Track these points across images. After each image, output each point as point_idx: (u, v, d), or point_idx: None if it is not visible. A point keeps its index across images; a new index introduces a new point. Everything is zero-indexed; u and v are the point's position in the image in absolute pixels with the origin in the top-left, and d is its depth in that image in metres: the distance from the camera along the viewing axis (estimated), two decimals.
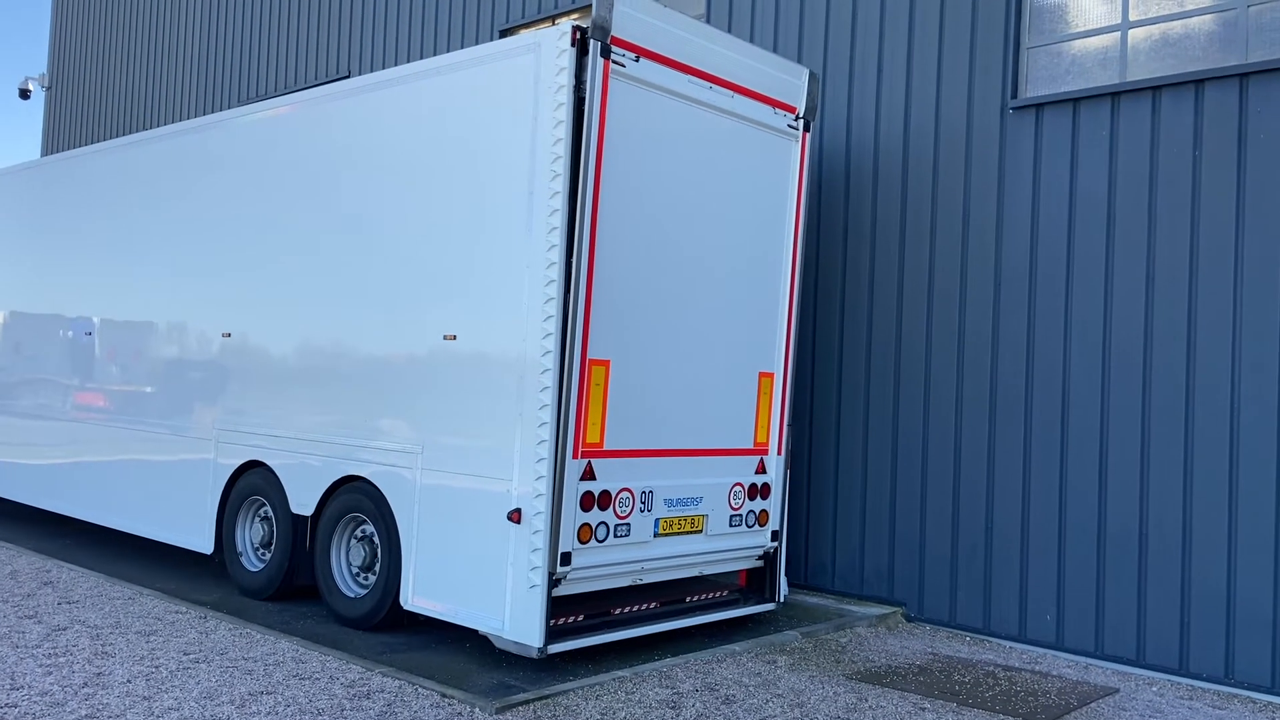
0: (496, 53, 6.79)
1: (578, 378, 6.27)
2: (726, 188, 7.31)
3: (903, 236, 8.63)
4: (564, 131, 6.22)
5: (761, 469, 7.70)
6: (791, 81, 7.72)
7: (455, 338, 6.83)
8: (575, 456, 6.34)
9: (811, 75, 7.84)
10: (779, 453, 7.81)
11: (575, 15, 11.32)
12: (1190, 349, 7.17)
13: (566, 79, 6.22)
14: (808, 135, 7.83)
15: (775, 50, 9.50)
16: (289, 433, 7.94)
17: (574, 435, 6.30)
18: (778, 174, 7.71)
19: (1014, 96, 8.11)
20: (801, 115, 7.78)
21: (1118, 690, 6.76)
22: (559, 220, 6.23)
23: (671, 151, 6.87)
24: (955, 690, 6.49)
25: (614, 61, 6.33)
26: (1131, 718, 6.18)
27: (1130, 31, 7.68)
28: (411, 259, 7.17)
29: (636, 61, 6.50)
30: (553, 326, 6.22)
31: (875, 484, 8.72)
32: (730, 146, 7.29)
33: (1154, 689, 6.88)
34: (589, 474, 6.45)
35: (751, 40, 9.68)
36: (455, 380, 6.80)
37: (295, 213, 8.11)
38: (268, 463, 8.10)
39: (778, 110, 7.60)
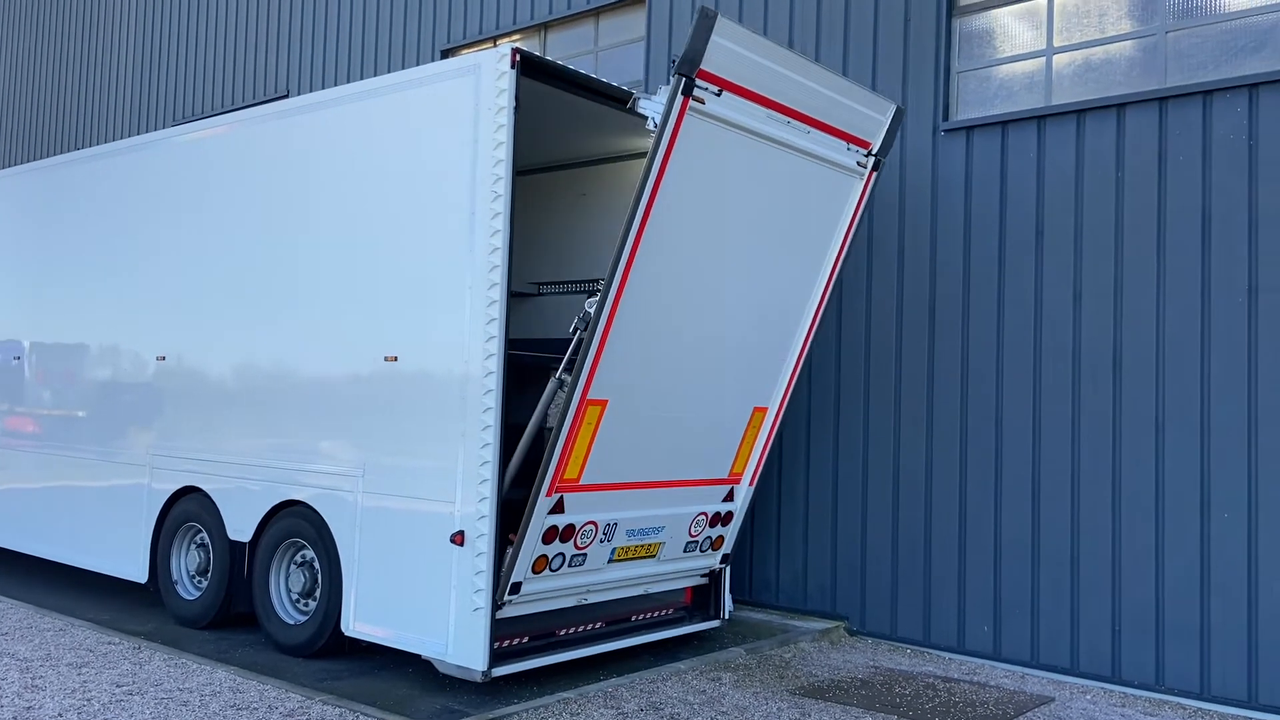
0: (437, 74, 6.79)
1: (571, 418, 6.08)
2: (773, 226, 6.84)
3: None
4: (504, 153, 6.24)
5: (729, 497, 7.56)
6: (874, 117, 7.13)
7: (396, 359, 6.78)
8: (549, 494, 6.22)
9: (897, 111, 7.27)
10: (750, 483, 7.62)
11: (517, 36, 11.37)
12: (1117, 367, 7.39)
13: (507, 100, 6.24)
14: (875, 174, 7.30)
15: None
16: (226, 457, 7.81)
17: (553, 472, 6.16)
18: (830, 211, 7.18)
19: (945, 119, 8.32)
20: (875, 152, 7.25)
21: (1053, 699, 6.91)
22: (500, 241, 6.23)
23: (727, 191, 6.40)
24: (896, 702, 6.58)
25: (694, 99, 5.83)
26: None
27: (1055, 57, 7.94)
28: (351, 280, 7.12)
29: (719, 96, 5.98)
30: (495, 346, 6.22)
31: (817, 500, 8.83)
32: (789, 185, 6.76)
33: (1088, 697, 7.04)
34: (558, 508, 6.35)
35: None
36: (397, 401, 6.75)
37: (232, 234, 8.00)
38: (204, 488, 7.95)
39: (851, 146, 7.05)
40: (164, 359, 8.45)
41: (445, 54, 11.92)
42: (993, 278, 7.96)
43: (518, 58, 6.25)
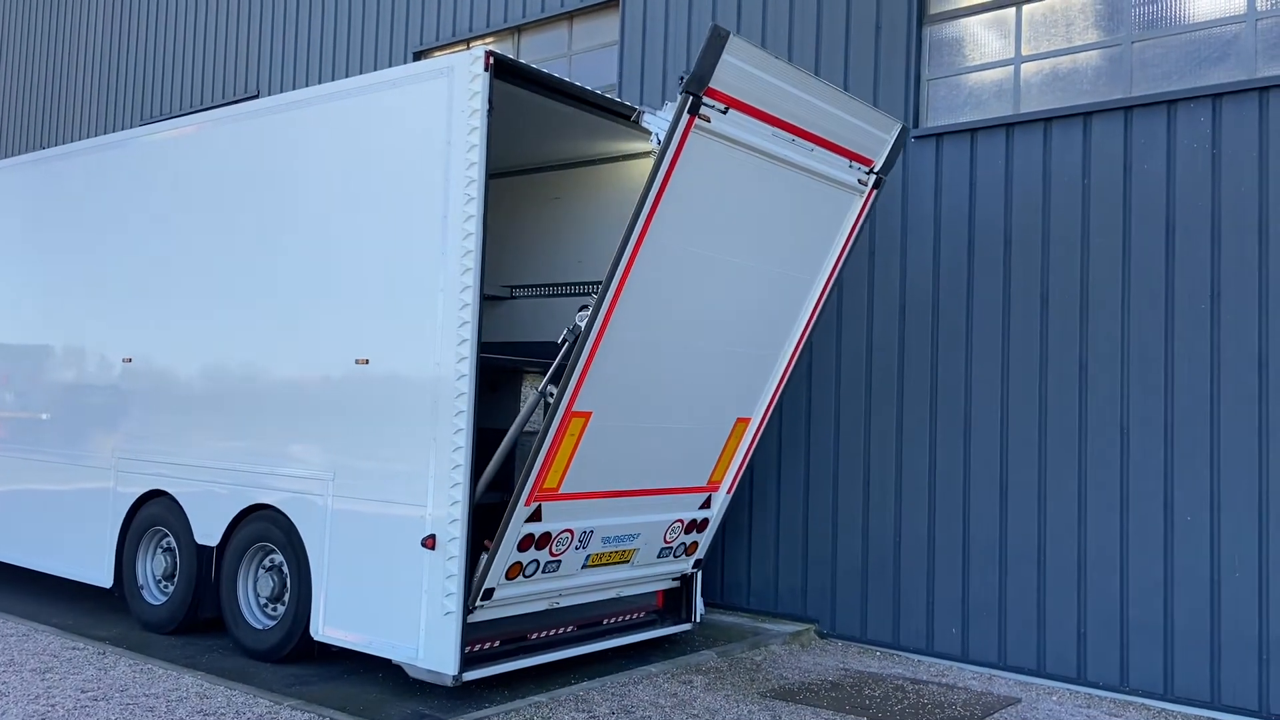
0: (410, 75, 6.77)
1: (555, 430, 6.05)
2: (769, 242, 6.78)
3: None
4: (477, 155, 6.23)
5: (706, 504, 7.55)
6: (879, 135, 7.06)
7: (368, 362, 6.75)
8: (527, 503, 6.20)
9: (902, 130, 7.18)
10: (728, 491, 7.61)
11: (490, 39, 11.35)
12: (1083, 371, 7.49)
13: (480, 103, 6.23)
14: (875, 191, 7.22)
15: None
16: (193, 460, 7.73)
17: (533, 482, 6.14)
18: (827, 228, 7.10)
19: (915, 126, 8.40)
20: (877, 170, 7.17)
21: (1020, 700, 6.98)
22: (473, 243, 6.22)
23: (726, 207, 6.33)
24: (866, 705, 6.63)
25: (700, 116, 5.75)
26: None
27: (1023, 66, 8.04)
28: (322, 282, 7.07)
29: (725, 114, 5.88)
30: (467, 350, 6.20)
31: (789, 504, 8.87)
32: (788, 201, 6.69)
33: (1054, 698, 7.12)
34: (536, 516, 6.33)
35: (664, 86, 9.84)
36: (368, 405, 6.71)
37: (200, 235, 7.93)
38: (170, 491, 7.86)
39: (854, 164, 6.97)
40: (130, 360, 8.35)
41: (418, 56, 11.87)
42: (962, 283, 8.04)
43: (491, 60, 6.25)
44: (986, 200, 7.97)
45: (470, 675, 6.23)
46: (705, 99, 5.72)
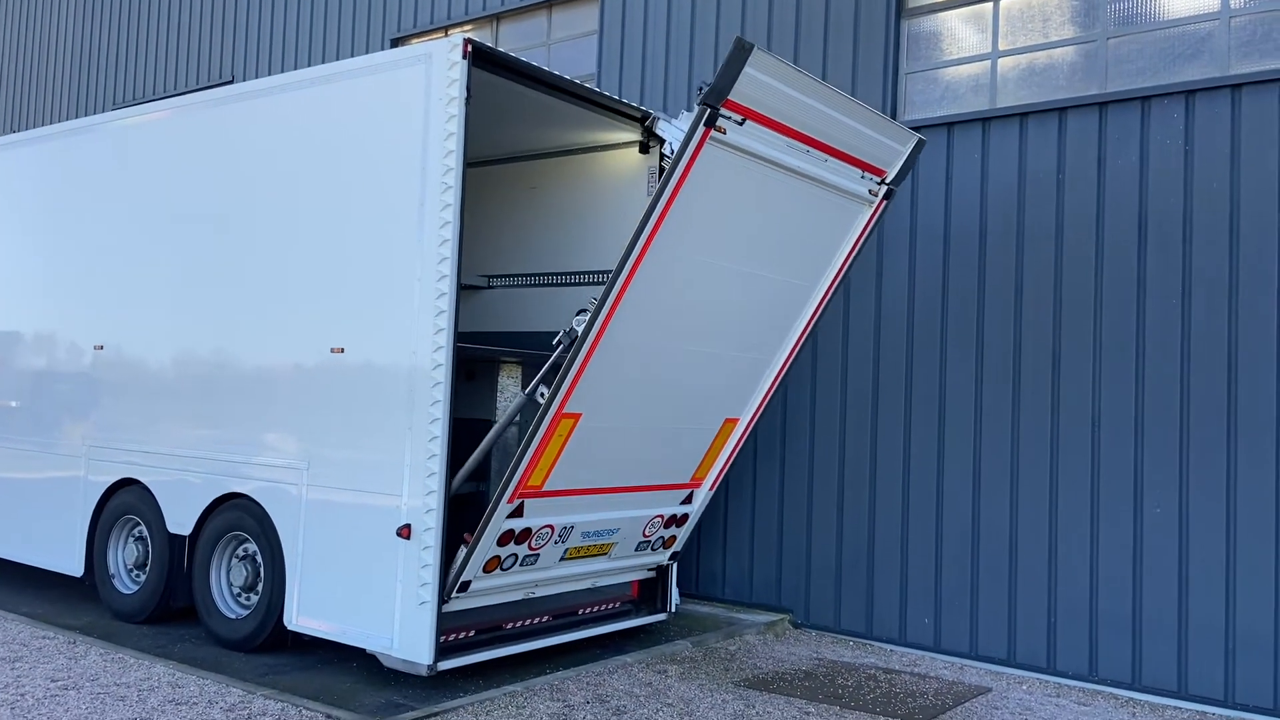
0: (387, 62, 6.73)
1: (544, 431, 6.00)
2: (774, 250, 6.65)
3: None
4: (455, 144, 6.20)
5: (688, 500, 7.54)
6: (894, 147, 6.90)
7: (343, 350, 6.71)
8: (510, 500, 6.18)
9: (919, 142, 7.01)
10: (710, 487, 7.59)
11: (469, 27, 11.29)
12: (1055, 366, 7.56)
13: (458, 91, 6.20)
14: (886, 202, 7.06)
15: (666, 76, 9.66)
16: (166, 449, 7.67)
17: (518, 481, 6.10)
18: (833, 236, 6.97)
19: (893, 119, 8.42)
20: (889, 181, 7.01)
21: (990, 689, 7.06)
22: (450, 232, 6.19)
23: (734, 216, 6.21)
24: (839, 694, 6.68)
25: (716, 128, 5.62)
26: (1003, 715, 6.47)
27: (1000, 60, 8.08)
28: (297, 269, 7.02)
29: (741, 125, 5.75)
30: (444, 339, 6.18)
31: (764, 495, 8.91)
32: (797, 211, 6.55)
33: (1024, 687, 7.20)
34: (518, 512, 6.31)
35: (643, 76, 9.82)
36: (343, 394, 6.68)
37: (175, 221, 7.85)
38: (142, 480, 7.79)
39: (866, 174, 6.82)
40: (102, 348, 8.26)
41: (395, 43, 11.79)
42: (937, 276, 8.09)
43: (469, 48, 6.21)
44: (962, 194, 8.02)
45: (445, 665, 6.23)
46: (723, 111, 5.59)
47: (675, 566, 7.99)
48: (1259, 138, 6.91)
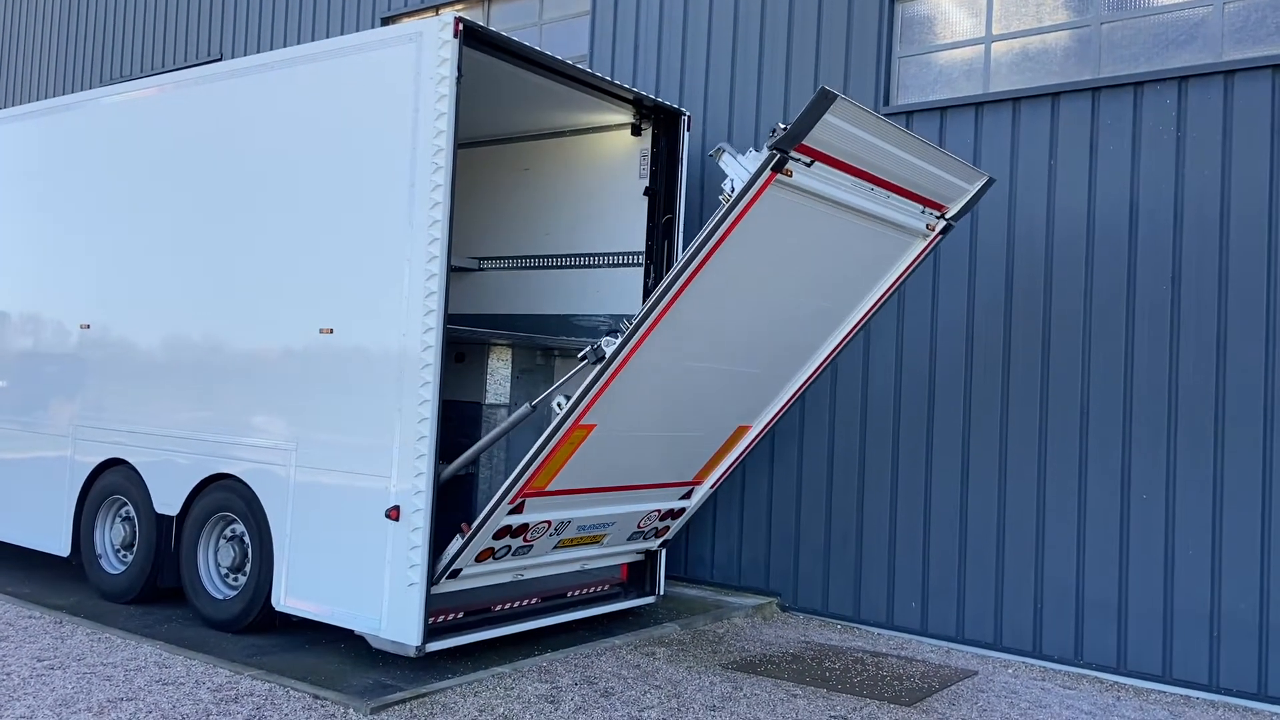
0: (377, 40, 6.66)
1: (557, 441, 5.92)
2: (818, 279, 6.43)
3: None
4: (446, 124, 6.15)
5: (687, 496, 7.50)
6: (961, 186, 6.61)
7: (332, 331, 6.68)
8: (512, 501, 6.14)
9: (988, 181, 6.70)
10: (712, 486, 7.52)
11: (460, 6, 11.20)
12: (1045, 354, 7.57)
13: (449, 70, 6.15)
14: (941, 236, 6.77)
15: (659, 58, 9.60)
16: (153, 429, 7.63)
17: (523, 484, 6.05)
18: (880, 267, 6.72)
19: (886, 103, 8.40)
20: (949, 216, 6.73)
21: (976, 673, 7.10)
22: (441, 213, 6.16)
23: (784, 251, 5.98)
24: (826, 677, 6.71)
25: (783, 171, 5.36)
26: (989, 698, 6.50)
27: (993, 45, 8.06)
28: (286, 250, 6.98)
29: (809, 166, 5.47)
30: (434, 321, 6.15)
31: (753, 479, 8.92)
32: (848, 244, 6.31)
33: (1010, 671, 7.25)
34: (517, 509, 6.27)
35: (636, 58, 9.76)
36: (332, 375, 6.65)
37: (162, 200, 7.78)
38: (129, 460, 7.76)
39: (926, 209, 6.52)
40: (88, 327, 8.21)
41: (386, 21, 11.69)
42: (928, 263, 8.08)
43: (460, 26, 6.16)
44: None
45: (433, 646, 6.23)
46: (792, 153, 5.35)
47: (664, 551, 8.00)
48: (1251, 124, 6.91)
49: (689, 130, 8.13)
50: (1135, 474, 7.17)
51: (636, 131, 8.13)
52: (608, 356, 5.69)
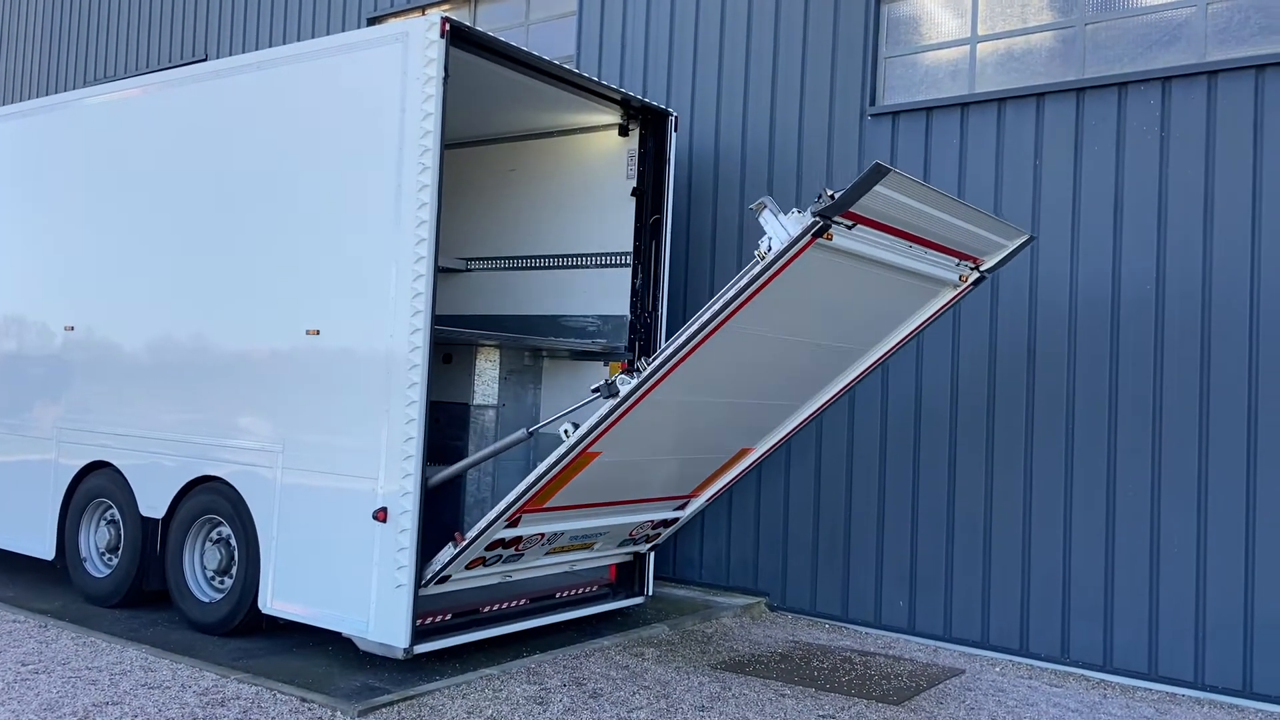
0: (363, 41, 6.65)
1: (560, 468, 5.90)
2: (841, 325, 6.34)
3: None
4: (432, 124, 6.14)
5: (681, 507, 7.48)
6: (1000, 242, 6.47)
7: (319, 332, 6.65)
8: (510, 519, 6.14)
9: (1028, 239, 6.55)
10: (708, 500, 7.50)
11: (446, 7, 11.17)
12: (1030, 353, 7.60)
13: (436, 70, 6.14)
14: (973, 288, 6.67)
15: (646, 58, 9.60)
16: (138, 431, 7.58)
17: (521, 505, 6.03)
18: (906, 313, 6.63)
19: (872, 104, 8.43)
20: (984, 269, 6.60)
21: (964, 671, 7.12)
22: (428, 214, 6.14)
23: (813, 302, 5.91)
24: (814, 676, 6.72)
25: (825, 235, 5.24)
26: (976, 696, 6.53)
27: (978, 45, 8.09)
28: (272, 251, 6.95)
29: (850, 229, 5.33)
30: (421, 322, 6.13)
31: (741, 480, 8.91)
32: (880, 293, 6.22)
33: (997, 669, 7.27)
34: (513, 524, 6.26)
35: (623, 58, 9.76)
36: (319, 376, 6.62)
37: (147, 201, 7.74)
38: (114, 463, 7.71)
39: (961, 262, 6.41)
40: (72, 329, 8.15)
41: (372, 21, 11.65)
42: None
43: (447, 27, 6.15)
44: (940, 179, 8.03)
45: (421, 648, 6.21)
46: (838, 219, 5.22)
47: (653, 552, 8.00)
48: (1234, 124, 6.95)
49: (676, 130, 8.14)
50: (1121, 471, 7.20)
51: (624, 132, 8.13)
52: (621, 395, 5.63)
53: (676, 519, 7.56)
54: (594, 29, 9.99)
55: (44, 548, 8.14)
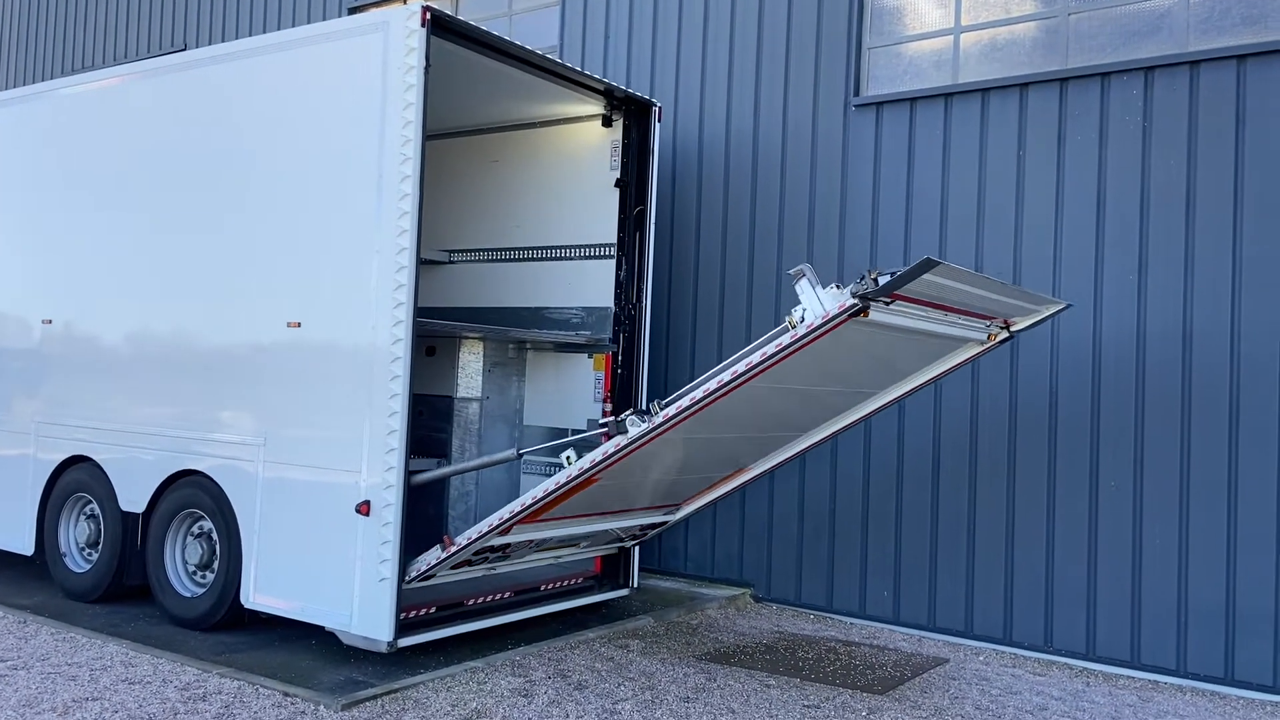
0: (344, 30, 6.59)
1: (559, 493, 5.88)
2: (862, 375, 6.25)
3: (752, 230, 8.84)
4: (414, 114, 6.09)
5: (670, 512, 7.44)
6: (1034, 310, 6.38)
7: (300, 325, 6.60)
8: (504, 533, 6.11)
9: (1064, 308, 6.51)
10: (697, 509, 7.46)
11: None
12: (1014, 345, 7.61)
13: (417, 60, 6.08)
14: (997, 346, 6.54)
15: (629, 48, 9.56)
16: (117, 425, 7.51)
17: (515, 521, 6.01)
18: (932, 362, 6.52)
19: (856, 94, 8.41)
20: (1014, 330, 6.47)
21: (948, 660, 7.14)
22: (409, 205, 6.09)
23: (839, 363, 5.83)
24: (799, 666, 6.72)
25: (861, 314, 5.11)
26: (961, 685, 6.55)
27: (962, 36, 8.08)
28: (252, 241, 6.88)
29: (888, 305, 5.20)
30: (404, 314, 6.09)
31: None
32: (908, 351, 6.14)
33: (981, 658, 7.30)
34: (505, 532, 6.22)
35: (606, 48, 9.71)
36: (301, 369, 6.57)
37: (125, 192, 7.65)
38: (94, 457, 7.63)
39: (991, 324, 6.32)
40: (50, 322, 8.07)
41: (353, 11, 11.55)
42: (899, 250, 8.11)
43: (428, 16, 6.10)
44: (924, 169, 8.03)
45: (405, 641, 6.18)
46: (879, 299, 5.07)
47: (638, 547, 7.99)
48: (1216, 114, 6.97)
49: (660, 121, 8.10)
50: (1103, 461, 7.23)
51: (607, 123, 8.09)
52: (630, 436, 5.57)
53: (665, 522, 7.55)
54: (577, 19, 9.94)
55: (23, 543, 8.06)
